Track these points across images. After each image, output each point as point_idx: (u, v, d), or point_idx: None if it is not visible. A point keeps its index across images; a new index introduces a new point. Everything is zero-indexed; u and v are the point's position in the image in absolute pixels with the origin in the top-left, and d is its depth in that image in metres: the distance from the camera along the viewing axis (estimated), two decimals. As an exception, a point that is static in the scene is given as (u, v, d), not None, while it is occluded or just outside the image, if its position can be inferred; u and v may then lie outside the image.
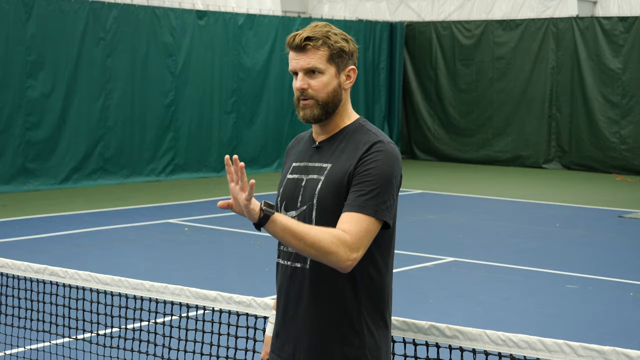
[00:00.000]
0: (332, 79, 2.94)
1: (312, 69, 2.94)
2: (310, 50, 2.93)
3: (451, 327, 3.13)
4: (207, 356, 4.05)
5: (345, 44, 2.96)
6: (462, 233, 11.98)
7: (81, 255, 9.98)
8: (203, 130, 17.91)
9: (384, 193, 2.82)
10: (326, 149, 2.99)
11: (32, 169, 15.35)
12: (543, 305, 8.23)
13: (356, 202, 2.80)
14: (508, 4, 20.83)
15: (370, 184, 2.82)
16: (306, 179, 2.97)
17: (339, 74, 2.97)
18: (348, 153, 2.91)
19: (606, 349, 2.85)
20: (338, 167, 2.90)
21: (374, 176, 2.82)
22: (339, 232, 2.75)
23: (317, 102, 2.94)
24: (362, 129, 2.97)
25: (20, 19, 15.11)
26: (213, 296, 3.73)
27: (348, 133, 2.97)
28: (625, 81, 18.94)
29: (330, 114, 2.97)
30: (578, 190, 16.64)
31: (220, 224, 12.30)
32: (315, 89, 2.94)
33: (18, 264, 4.38)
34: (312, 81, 2.94)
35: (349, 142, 2.94)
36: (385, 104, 21.70)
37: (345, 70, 2.98)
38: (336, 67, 2.96)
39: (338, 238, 2.73)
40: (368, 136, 2.93)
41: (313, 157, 3.00)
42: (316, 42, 2.93)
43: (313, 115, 2.95)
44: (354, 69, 3.00)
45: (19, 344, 5.12)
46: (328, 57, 2.94)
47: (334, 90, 2.95)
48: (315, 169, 2.96)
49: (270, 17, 19.01)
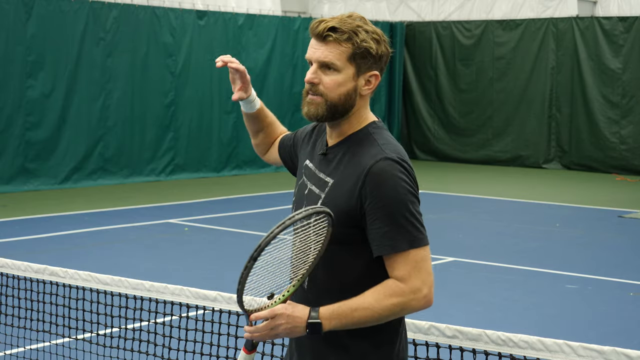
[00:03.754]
0: (347, 80, 2.64)
1: (328, 64, 2.64)
2: (332, 43, 2.62)
3: (451, 327, 3.13)
4: (207, 356, 4.05)
5: (375, 45, 2.63)
6: (462, 233, 11.98)
7: (81, 255, 9.97)
8: (203, 130, 17.91)
9: (407, 218, 2.57)
10: (331, 158, 2.72)
11: (32, 169, 15.35)
12: (543, 305, 8.23)
13: (384, 241, 2.56)
14: (508, 4, 20.83)
15: (388, 217, 2.55)
16: (309, 187, 2.75)
17: (358, 77, 2.65)
18: (350, 169, 2.65)
19: (606, 349, 2.85)
20: (338, 186, 2.65)
21: (388, 207, 2.55)
22: (392, 284, 2.57)
23: (325, 102, 2.65)
24: (369, 138, 2.68)
25: (20, 19, 15.11)
26: (213, 296, 3.73)
27: (354, 142, 2.69)
28: (625, 81, 18.94)
29: (337, 118, 2.69)
30: (578, 190, 16.64)
31: (220, 224, 12.30)
32: (327, 86, 2.64)
33: (18, 264, 4.39)
34: (325, 77, 2.64)
35: (354, 155, 2.66)
36: (385, 104, 21.70)
37: (366, 74, 2.66)
38: (356, 68, 2.64)
39: (394, 291, 2.55)
40: (371, 150, 2.64)
41: (321, 164, 2.75)
42: (341, 35, 2.61)
43: (317, 114, 2.67)
44: (377, 75, 2.67)
45: (19, 344, 5.11)
46: (350, 55, 2.63)
47: (347, 94, 2.65)
48: (319, 182, 2.72)
49: (270, 17, 19.01)
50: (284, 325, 2.53)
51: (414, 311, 2.62)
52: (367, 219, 2.58)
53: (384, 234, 2.55)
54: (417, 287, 2.57)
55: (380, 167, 2.58)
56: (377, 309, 2.54)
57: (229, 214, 13.12)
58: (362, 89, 2.68)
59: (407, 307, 2.58)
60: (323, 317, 2.53)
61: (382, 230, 2.55)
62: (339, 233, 2.59)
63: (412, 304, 2.58)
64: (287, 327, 2.53)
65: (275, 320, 2.53)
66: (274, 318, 2.52)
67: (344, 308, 2.54)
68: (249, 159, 18.50)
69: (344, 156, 2.68)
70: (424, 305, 2.60)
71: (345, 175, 2.65)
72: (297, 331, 2.54)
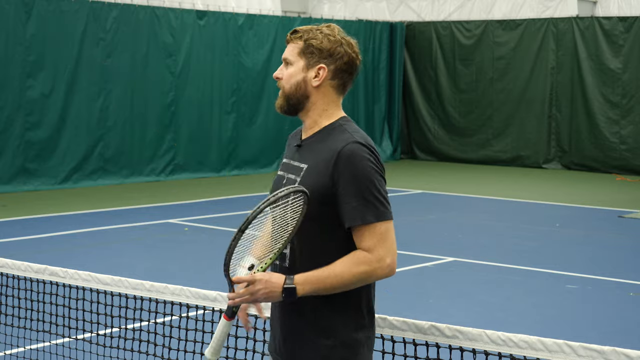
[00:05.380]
0: (297, 72, 2.99)
1: (286, 60, 3.03)
2: (290, 43, 3.03)
3: (451, 327, 3.14)
4: (207, 356, 4.04)
5: (325, 42, 2.97)
6: (462, 233, 11.98)
7: (81, 255, 9.97)
8: (203, 130, 17.91)
9: (374, 195, 2.86)
10: (306, 148, 3.03)
11: (32, 169, 15.35)
12: (543, 305, 8.23)
13: (354, 214, 2.85)
14: (508, 4, 20.83)
15: (358, 193, 2.85)
16: (286, 177, 3.03)
17: (308, 70, 2.99)
18: (323, 154, 2.93)
19: (606, 349, 2.85)
20: (312, 169, 2.94)
21: (357, 184, 2.85)
22: (359, 254, 2.85)
23: (283, 93, 3.02)
24: (340, 128, 2.98)
25: (20, 19, 15.11)
26: (213, 296, 3.73)
27: (326, 133, 3.00)
28: (625, 81, 18.94)
29: (295, 108, 3.02)
30: (578, 190, 16.64)
31: (220, 224, 12.30)
32: (284, 79, 3.02)
33: (18, 264, 4.39)
34: (284, 72, 3.03)
35: (326, 142, 2.97)
36: (385, 104, 21.70)
37: (315, 67, 2.99)
38: (305, 61, 2.99)
39: (361, 260, 2.84)
40: (341, 136, 2.94)
41: (295, 155, 3.06)
42: (296, 34, 3.01)
43: (279, 105, 3.04)
44: (323, 67, 2.97)
45: (19, 344, 5.12)
46: (300, 50, 2.99)
47: (297, 84, 2.99)
48: (294, 169, 3.02)
49: (270, 17, 19.01)
50: (262, 290, 2.82)
51: (379, 279, 2.89)
52: (338, 195, 2.87)
53: (354, 208, 2.85)
54: (381, 257, 2.85)
55: (350, 149, 2.88)
56: (346, 276, 2.83)
57: (229, 214, 13.12)
58: (312, 80, 2.99)
59: (373, 274, 2.86)
60: (297, 282, 2.83)
61: (352, 205, 2.85)
62: (313, 210, 2.89)
63: (377, 272, 2.86)
64: (265, 292, 2.82)
65: (255, 285, 2.82)
66: (254, 283, 2.82)
67: (316, 275, 2.83)
68: (249, 159, 18.50)
69: (317, 144, 2.99)
70: (387, 273, 2.87)
71: (318, 159, 2.95)
72: (274, 296, 2.83)
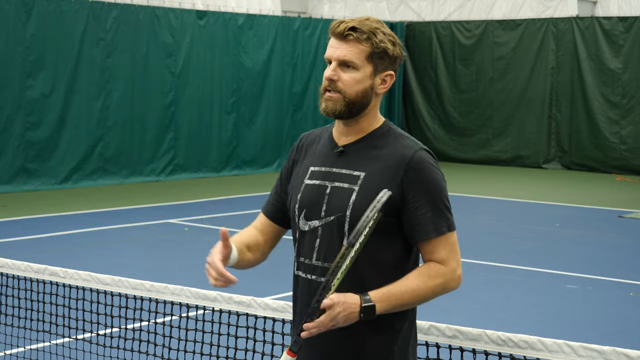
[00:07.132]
0: (365, 79, 2.76)
1: (347, 62, 2.75)
2: (352, 42, 2.74)
3: (451, 327, 3.14)
4: (207, 356, 4.05)
5: (391, 46, 2.77)
6: (462, 233, 11.97)
7: (81, 255, 9.97)
8: (203, 130, 17.91)
9: (445, 204, 2.78)
10: (353, 154, 2.80)
11: (32, 169, 15.34)
12: (543, 305, 8.23)
13: (428, 226, 2.73)
14: (508, 4, 20.83)
15: (431, 203, 2.74)
16: (331, 186, 2.79)
17: (375, 76, 2.78)
18: (384, 161, 2.75)
19: (606, 349, 2.85)
20: (373, 176, 2.74)
21: (431, 194, 2.74)
22: (434, 266, 2.75)
23: (344, 98, 2.75)
24: (391, 133, 2.81)
25: (20, 19, 15.11)
26: (213, 296, 3.73)
27: (376, 137, 2.81)
28: (625, 81, 18.94)
29: (354, 115, 2.78)
30: (578, 190, 16.64)
31: (220, 224, 12.29)
32: (346, 83, 2.75)
33: (18, 264, 4.38)
34: (344, 74, 2.75)
35: (381, 148, 2.78)
36: (385, 104, 21.70)
37: (382, 73, 2.79)
38: (374, 67, 2.77)
39: (437, 273, 2.74)
40: (403, 142, 2.79)
41: (337, 162, 2.81)
42: (361, 35, 2.74)
43: (335, 110, 2.76)
44: (392, 75, 2.80)
45: (19, 344, 5.11)
46: (368, 54, 2.74)
47: (365, 91, 2.76)
48: (344, 177, 2.78)
49: (270, 17, 19.01)
50: (341, 313, 2.60)
51: (451, 290, 2.79)
52: (408, 205, 2.73)
53: (429, 219, 2.72)
54: (454, 268, 2.77)
55: (420, 157, 2.74)
56: (423, 290, 2.72)
57: (229, 214, 13.12)
58: (378, 87, 2.80)
59: (447, 287, 2.76)
60: (375, 300, 2.64)
61: (427, 216, 2.72)
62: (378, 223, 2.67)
63: (451, 284, 2.77)
64: (345, 315, 2.60)
65: (334, 308, 2.59)
66: (332, 307, 2.59)
67: (393, 291, 2.67)
68: (249, 159, 18.50)
69: (370, 150, 2.79)
70: (457, 284, 2.79)
71: (377, 167, 2.75)
72: (352, 317, 2.62)
